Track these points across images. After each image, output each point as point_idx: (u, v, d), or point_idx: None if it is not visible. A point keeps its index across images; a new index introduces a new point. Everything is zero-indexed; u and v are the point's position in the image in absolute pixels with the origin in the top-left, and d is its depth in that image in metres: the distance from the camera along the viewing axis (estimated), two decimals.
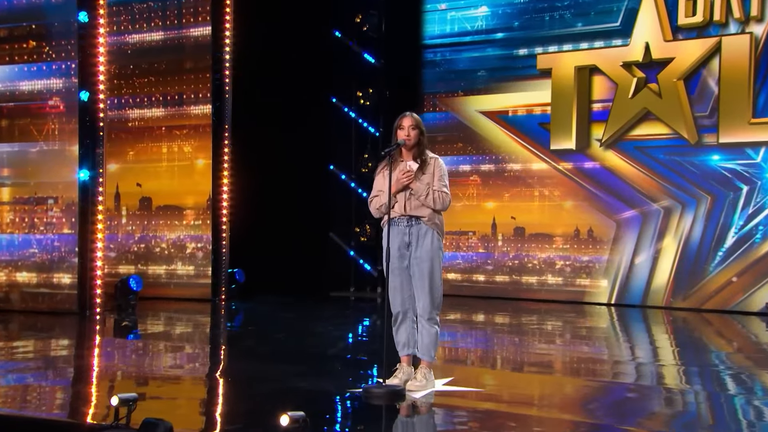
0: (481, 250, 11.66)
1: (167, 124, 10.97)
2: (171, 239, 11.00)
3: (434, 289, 5.08)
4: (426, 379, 5.16)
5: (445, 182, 5.10)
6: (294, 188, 11.72)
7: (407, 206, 5.04)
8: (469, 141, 11.80)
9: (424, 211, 5.06)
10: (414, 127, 5.10)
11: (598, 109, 10.90)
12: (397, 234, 5.05)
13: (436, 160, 5.14)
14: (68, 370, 6.17)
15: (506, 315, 9.90)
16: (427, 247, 5.04)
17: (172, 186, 10.98)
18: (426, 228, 5.05)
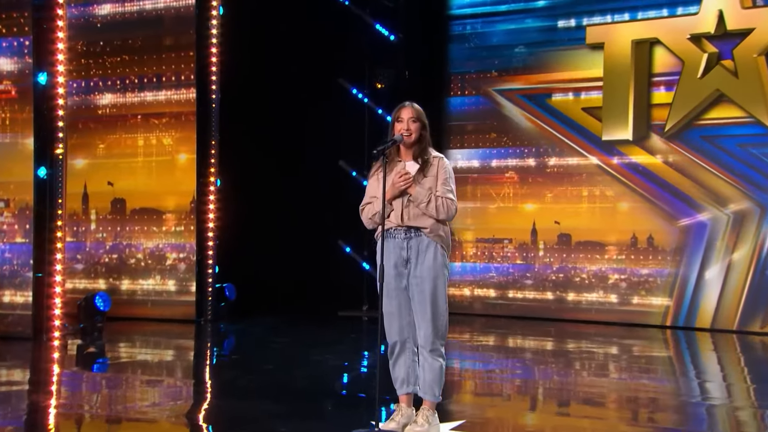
0: (518, 261, 11.70)
1: (144, 112, 10.95)
2: (148, 248, 10.99)
3: (438, 315, 5.02)
4: (429, 423, 5.11)
5: (451, 187, 5.09)
6: (295, 188, 11.71)
7: (405, 215, 5.03)
8: (505, 130, 11.81)
9: (426, 220, 5.04)
10: (415, 119, 5.09)
11: (660, 92, 10.84)
12: (394, 248, 5.03)
13: (441, 160, 5.13)
14: (19, 407, 6.15)
15: (547, 339, 9.91)
16: (429, 264, 5.00)
17: (150, 185, 10.95)
18: (428, 241, 5.02)
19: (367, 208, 5.11)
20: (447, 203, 5.02)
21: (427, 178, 5.05)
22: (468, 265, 11.97)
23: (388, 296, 5.05)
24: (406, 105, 5.12)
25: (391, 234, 5.04)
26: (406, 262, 5.03)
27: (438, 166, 5.09)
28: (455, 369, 7.78)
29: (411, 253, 5.01)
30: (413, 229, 5.02)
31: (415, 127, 5.09)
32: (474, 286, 11.95)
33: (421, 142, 5.11)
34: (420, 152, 5.11)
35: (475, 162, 11.97)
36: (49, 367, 7.90)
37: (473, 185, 11.96)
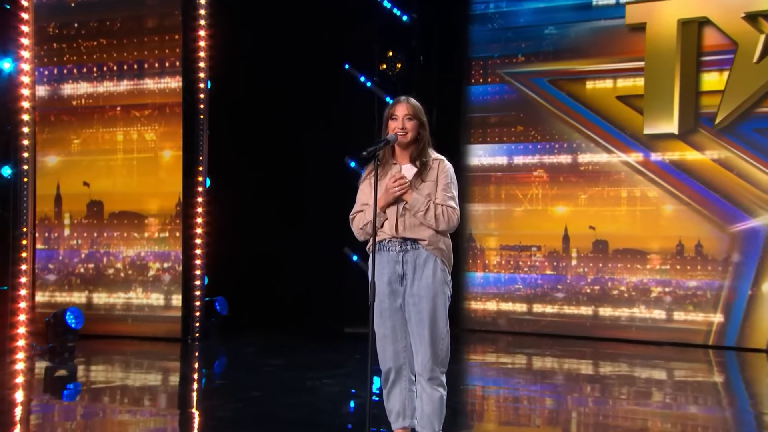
0: (548, 271, 11.69)
1: (123, 103, 10.96)
2: (128, 257, 11.00)
3: (437, 338, 5.01)
4: None
5: (453, 193, 5.11)
6: (295, 188, 11.71)
7: (400, 225, 5.03)
8: (533, 123, 11.78)
9: (424, 231, 5.04)
10: (411, 117, 5.11)
11: (710, 80, 10.79)
12: (388, 263, 5.04)
13: (441, 163, 5.15)
14: None
15: (581, 361, 9.94)
16: (428, 281, 5.00)
17: (131, 186, 10.99)
18: (426, 254, 5.02)
19: (358, 217, 5.13)
20: (448, 212, 5.03)
21: (426, 183, 5.05)
22: (491, 276, 11.96)
23: (381, 317, 5.04)
24: (401, 100, 5.13)
25: (385, 246, 5.04)
26: (401, 278, 5.03)
27: (438, 170, 5.10)
28: (476, 394, 7.73)
29: (407, 268, 5.01)
30: (409, 241, 5.03)
31: (411, 126, 5.09)
32: (498, 299, 11.94)
33: (418, 142, 5.11)
34: (418, 154, 5.11)
35: (499, 159, 11.95)
36: (11, 394, 7.86)
37: (497, 185, 11.94)
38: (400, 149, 5.12)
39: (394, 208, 5.01)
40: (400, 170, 5.07)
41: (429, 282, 4.98)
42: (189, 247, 10.75)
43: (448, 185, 5.08)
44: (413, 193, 4.99)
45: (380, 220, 5.02)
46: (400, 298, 5.03)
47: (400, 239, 5.01)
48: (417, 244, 5.02)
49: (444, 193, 5.04)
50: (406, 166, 5.11)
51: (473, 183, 11.99)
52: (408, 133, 5.07)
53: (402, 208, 5.00)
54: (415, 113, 5.10)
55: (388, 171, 5.07)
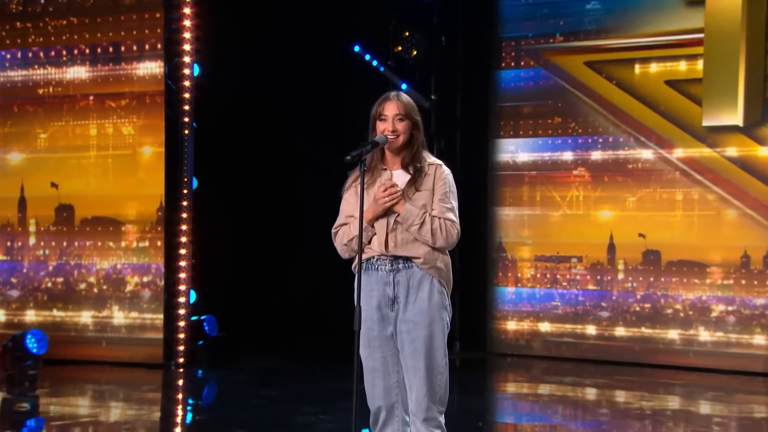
0: (590, 286, 11.61)
1: (97, 92, 10.97)
2: (103, 270, 11.00)
3: (434, 372, 5.03)
4: None
5: (452, 204, 5.14)
6: (296, 191, 11.79)
7: (390, 241, 5.06)
8: (572, 113, 11.72)
9: (418, 248, 5.06)
10: (402, 117, 5.11)
11: None
12: (377, 284, 5.07)
13: (438, 169, 5.16)
14: None
15: (629, 392, 9.89)
16: (423, 305, 5.02)
17: (106, 188, 11.00)
18: (421, 274, 5.04)
19: (342, 231, 5.17)
20: (446, 226, 5.05)
21: (421, 193, 5.07)
22: (524, 292, 11.86)
23: (369, 347, 5.08)
24: (391, 98, 5.16)
25: (373, 265, 5.08)
26: (392, 302, 5.05)
27: (435, 177, 5.12)
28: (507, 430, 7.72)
29: (399, 290, 5.04)
30: (402, 260, 5.06)
31: (403, 127, 5.09)
32: (532, 318, 11.84)
33: (411, 145, 5.12)
34: (411, 159, 5.12)
35: (534, 155, 11.88)
36: None
37: (530, 186, 11.86)
38: (390, 153, 5.13)
39: (384, 222, 5.04)
40: (391, 177, 5.10)
41: (424, 306, 4.99)
42: (172, 259, 10.73)
43: (447, 195, 5.11)
44: (406, 204, 5.01)
45: (367, 235, 5.04)
46: (391, 325, 5.05)
47: (391, 257, 5.05)
48: (410, 263, 5.05)
49: (441, 204, 5.07)
50: (397, 171, 5.12)
51: (503, 183, 11.89)
52: (399, 136, 5.07)
53: (393, 222, 5.03)
54: (407, 112, 5.11)
55: (377, 178, 5.10)
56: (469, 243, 11.68)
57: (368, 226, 5.03)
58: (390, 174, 5.10)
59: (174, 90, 10.68)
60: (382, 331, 5.04)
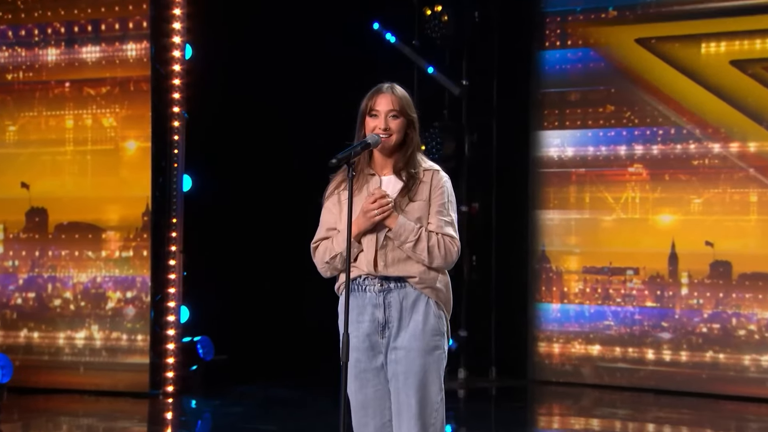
0: (649, 303, 11.47)
1: (74, 78, 10.96)
2: (80, 284, 10.97)
3: (428, 408, 5.05)
4: None
5: (451, 217, 5.17)
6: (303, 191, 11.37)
7: (380, 260, 5.09)
8: (628, 101, 11.62)
9: (411, 266, 5.10)
10: (396, 113, 5.13)
11: None
12: (365, 307, 5.11)
13: (436, 176, 5.19)
14: None
15: (694, 427, 10.00)
16: (417, 329, 5.06)
17: (83, 189, 10.99)
18: (416, 295, 5.09)
19: (322, 247, 5.22)
20: (445, 243, 5.08)
21: (415, 204, 5.10)
22: (571, 309, 11.71)
23: (357, 380, 5.11)
24: (384, 90, 5.16)
25: (360, 285, 5.12)
26: (383, 327, 5.09)
27: (432, 185, 5.13)
28: None
29: (390, 313, 5.07)
30: (394, 281, 5.10)
31: (397, 125, 5.10)
32: (580, 340, 11.68)
33: (405, 147, 5.13)
34: (405, 163, 5.13)
35: (582, 150, 11.76)
36: None
37: (578, 185, 11.74)
38: (380, 155, 5.15)
39: (373, 237, 5.07)
40: (380, 184, 5.14)
41: (418, 331, 5.03)
42: (161, 271, 10.71)
43: (445, 206, 5.12)
44: (399, 218, 5.04)
45: (353, 251, 5.07)
46: (382, 354, 5.09)
47: (381, 278, 5.09)
48: (404, 282, 5.09)
49: (439, 216, 5.08)
50: (387, 178, 5.15)
51: (547, 183, 11.76)
52: (393, 135, 5.07)
53: (383, 237, 5.06)
54: (403, 108, 5.11)
55: (364, 184, 5.15)
56: (507, 252, 11.90)
57: (354, 242, 5.05)
58: (379, 180, 5.14)
59: (162, 75, 10.63)
60: (371, 362, 5.09)
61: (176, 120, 10.63)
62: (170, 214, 10.66)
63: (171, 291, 10.63)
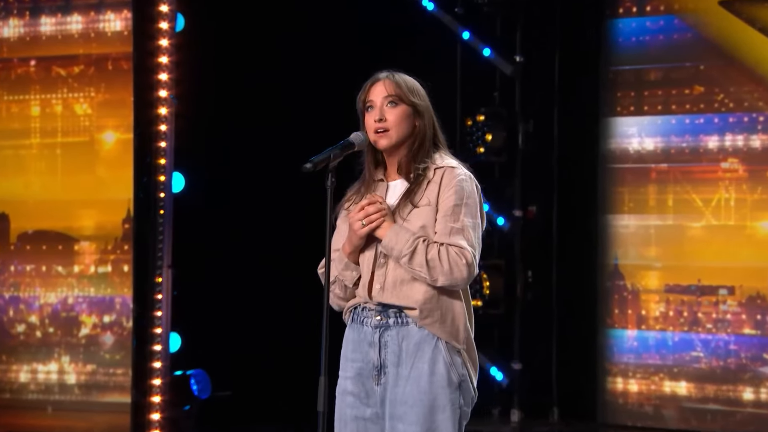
0: (747, 330, 11.23)
1: (41, 55, 11.00)
2: (48, 306, 10.92)
3: None
4: None
5: (465, 222, 5.14)
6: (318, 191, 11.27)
7: (376, 282, 5.17)
8: (720, 80, 11.39)
9: (414, 291, 5.10)
10: (395, 99, 5.21)
11: None
12: (359, 344, 5.20)
13: (449, 173, 5.19)
14: None
15: None
16: (421, 383, 5.06)
17: (52, 190, 11.03)
18: (420, 335, 5.09)
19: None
20: (450, 254, 5.03)
21: (420, 209, 5.14)
22: (650, 337, 11.49)
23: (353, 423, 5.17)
24: (381, 77, 5.25)
25: (358, 317, 5.22)
26: (378, 372, 5.14)
27: (442, 184, 5.14)
28: None
29: (387, 356, 5.12)
30: (392, 310, 5.12)
31: (395, 116, 5.15)
32: (662, 375, 11.42)
33: (411, 141, 5.19)
34: (409, 159, 5.20)
35: (664, 141, 11.51)
36: None
37: (659, 185, 11.53)
38: (387, 156, 5.23)
39: (371, 254, 5.14)
40: (386, 191, 5.23)
41: (422, 383, 5.01)
42: (145, 289, 10.47)
43: (457, 209, 5.07)
44: (392, 226, 5.07)
45: (353, 275, 5.17)
46: (377, 405, 5.12)
47: (378, 307, 5.12)
48: (405, 316, 5.09)
49: (447, 222, 5.06)
50: (395, 182, 5.24)
51: (620, 181, 11.57)
52: (390, 129, 5.11)
53: (380, 253, 5.13)
54: (402, 93, 5.15)
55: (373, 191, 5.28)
56: (570, 266, 11.56)
57: (350, 263, 5.14)
58: (386, 187, 5.22)
59: (147, 51, 10.45)
60: (361, 412, 5.13)
61: (164, 106, 10.37)
62: (157, 221, 10.44)
63: (158, 314, 10.40)
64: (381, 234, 5.10)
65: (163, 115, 10.38)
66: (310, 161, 5.07)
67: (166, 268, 10.44)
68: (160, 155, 10.43)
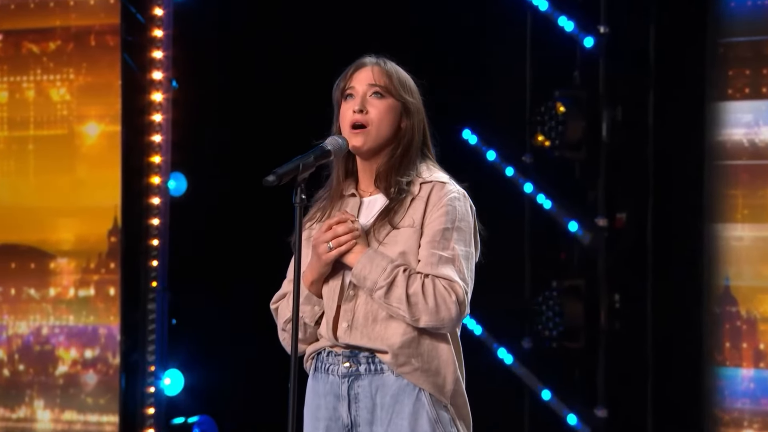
0: None
1: (9, 29, 11.05)
2: (18, 338, 10.96)
3: None
4: None
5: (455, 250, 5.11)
6: None
7: (343, 320, 5.15)
8: None
9: (391, 330, 5.07)
10: (382, 91, 5.21)
11: None
12: (324, 398, 5.23)
13: (439, 189, 5.19)
14: None
15: None
16: None
17: (22, 194, 11.08)
18: (397, 384, 5.08)
19: (282, 308, 5.35)
20: (436, 289, 4.97)
21: (400, 231, 5.12)
22: None
23: None
24: (368, 63, 5.29)
25: (322, 364, 5.22)
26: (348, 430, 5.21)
27: (429, 202, 5.13)
28: None
29: (358, 413, 5.14)
30: (364, 355, 5.11)
31: (380, 110, 5.15)
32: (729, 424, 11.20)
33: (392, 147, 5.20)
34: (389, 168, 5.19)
35: None
36: None
37: None
38: (363, 163, 5.21)
39: (336, 284, 5.11)
40: (359, 208, 5.19)
41: None
42: (136, 318, 10.62)
43: (448, 234, 5.06)
44: (365, 251, 5.03)
45: (315, 311, 5.17)
46: None
47: (347, 351, 5.11)
48: (378, 362, 5.07)
49: (435, 248, 5.02)
50: (372, 198, 5.20)
51: (732, 182, 11.16)
52: (370, 126, 5.09)
53: (348, 284, 5.10)
54: (392, 85, 5.15)
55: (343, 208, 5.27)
56: (670, 288, 11.30)
57: (311, 296, 5.12)
58: (359, 203, 5.18)
59: (140, 24, 10.59)
60: None
61: (159, 90, 10.49)
62: (149, 234, 10.54)
63: (151, 348, 10.50)
64: (351, 260, 5.05)
65: (158, 102, 10.49)
66: (274, 173, 4.98)
67: (161, 290, 10.51)
68: (154, 151, 10.51)
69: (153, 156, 10.45)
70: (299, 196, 5.03)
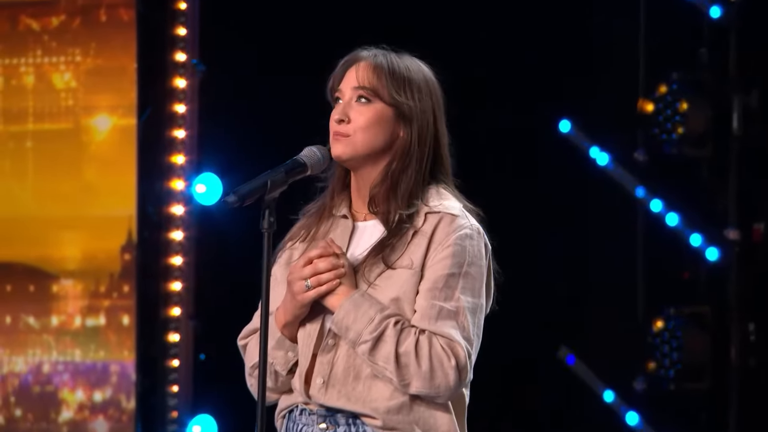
0: None
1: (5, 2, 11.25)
2: (15, 377, 10.99)
3: None
4: None
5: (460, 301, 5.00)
6: None
7: (318, 374, 5.05)
8: None
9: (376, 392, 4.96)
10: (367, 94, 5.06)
11: None
12: None
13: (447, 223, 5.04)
14: None
15: None
16: None
17: (20, 202, 11.11)
18: None
19: (250, 348, 5.30)
20: (433, 350, 4.89)
21: (396, 272, 4.95)
22: None
23: None
24: (357, 59, 5.11)
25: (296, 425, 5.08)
26: None
27: (435, 239, 4.97)
28: None
29: None
30: (341, 415, 5.01)
31: (364, 118, 5.01)
32: None
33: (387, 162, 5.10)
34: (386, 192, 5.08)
35: None
36: None
37: None
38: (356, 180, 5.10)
39: (314, 329, 4.98)
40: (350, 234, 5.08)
41: None
42: (155, 352, 10.62)
43: (454, 280, 4.90)
44: (350, 294, 4.89)
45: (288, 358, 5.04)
46: None
47: (323, 411, 4.98)
48: (361, 424, 4.94)
49: (436, 298, 4.86)
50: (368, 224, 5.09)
51: None
52: (353, 135, 4.96)
53: (327, 332, 4.98)
54: (379, 86, 4.99)
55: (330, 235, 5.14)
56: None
57: (283, 339, 5.02)
58: (351, 228, 5.06)
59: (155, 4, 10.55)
60: None
61: (182, 76, 10.51)
62: (169, 249, 10.49)
63: (174, 389, 10.50)
64: (333, 304, 4.89)
65: (181, 89, 10.53)
66: (235, 192, 4.87)
67: (186, 319, 10.56)
68: (176, 149, 10.54)
69: (175, 155, 10.47)
70: (267, 220, 4.93)
